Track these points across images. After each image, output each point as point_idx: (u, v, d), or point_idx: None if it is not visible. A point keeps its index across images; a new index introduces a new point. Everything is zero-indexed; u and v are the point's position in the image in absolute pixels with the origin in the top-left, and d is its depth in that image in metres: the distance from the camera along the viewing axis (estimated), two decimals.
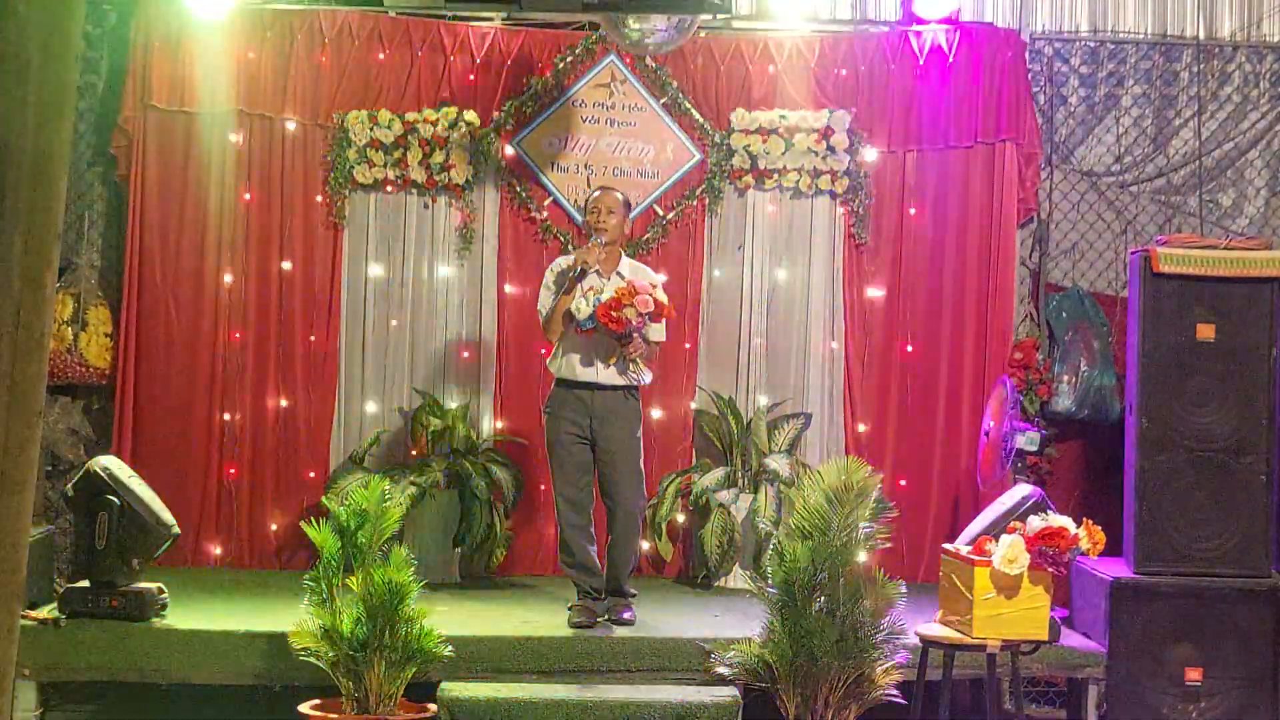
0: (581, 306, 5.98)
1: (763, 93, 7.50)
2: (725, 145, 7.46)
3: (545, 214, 7.48)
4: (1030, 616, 5.16)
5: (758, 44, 7.51)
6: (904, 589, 5.50)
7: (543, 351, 7.43)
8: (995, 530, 5.56)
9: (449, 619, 5.83)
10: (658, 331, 6.17)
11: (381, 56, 7.42)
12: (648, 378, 6.19)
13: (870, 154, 7.47)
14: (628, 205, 6.35)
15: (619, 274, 6.14)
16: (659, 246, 7.43)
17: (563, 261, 6.25)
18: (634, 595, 6.25)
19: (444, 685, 5.54)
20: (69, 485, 6.09)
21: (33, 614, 5.73)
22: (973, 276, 7.45)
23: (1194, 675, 6.01)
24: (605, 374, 6.07)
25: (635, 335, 5.97)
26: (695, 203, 7.52)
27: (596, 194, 6.26)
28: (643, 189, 7.38)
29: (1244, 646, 6.05)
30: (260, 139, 7.38)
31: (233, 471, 7.32)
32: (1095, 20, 7.63)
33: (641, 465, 6.25)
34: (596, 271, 6.12)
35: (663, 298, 6.04)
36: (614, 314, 5.87)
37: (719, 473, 7.18)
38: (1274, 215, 7.64)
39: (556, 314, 6.09)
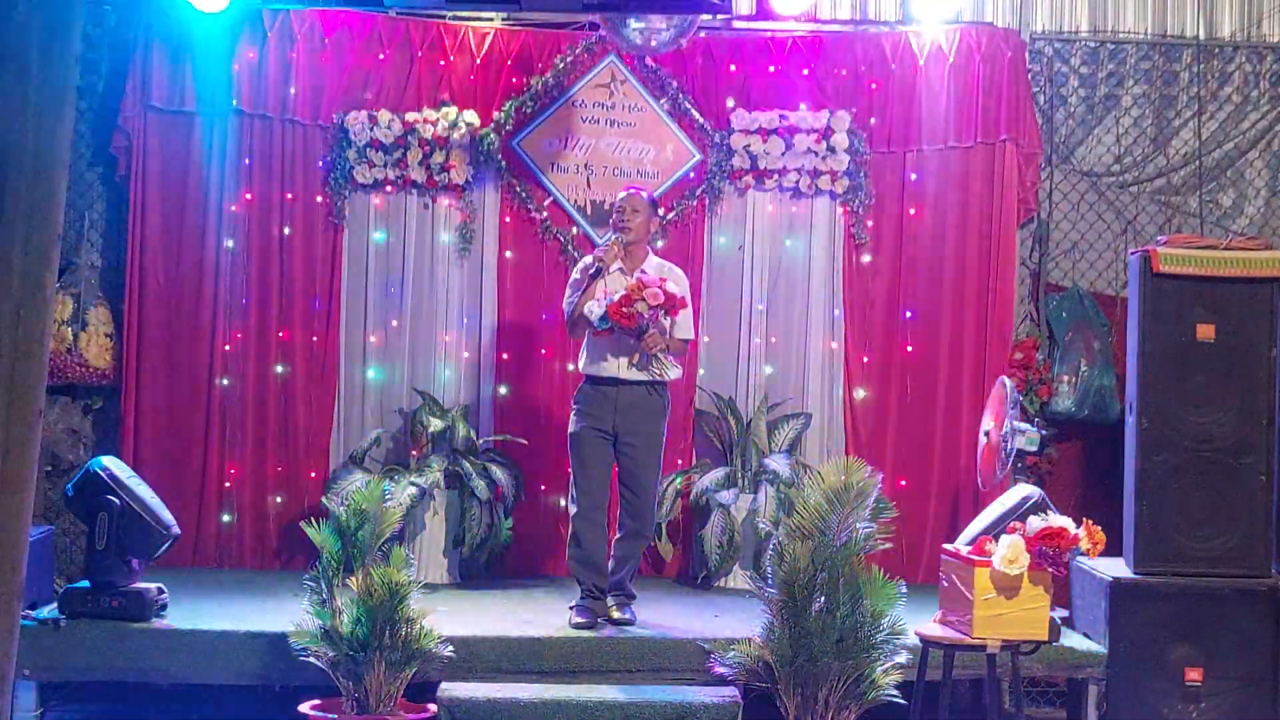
0: (594, 308, 6.00)
1: (763, 93, 7.50)
2: (725, 145, 7.46)
3: (545, 214, 7.48)
4: (1030, 616, 5.16)
5: (758, 44, 7.51)
6: (904, 589, 5.50)
7: (541, 351, 7.47)
8: (995, 530, 5.56)
9: (449, 619, 5.84)
10: (684, 329, 6.19)
11: (381, 56, 7.42)
12: (673, 373, 6.21)
13: (870, 154, 7.47)
14: (654, 205, 6.41)
15: (642, 272, 6.16)
16: (659, 246, 7.43)
17: (588, 259, 6.28)
18: (634, 596, 6.25)
19: (444, 685, 5.54)
20: (69, 485, 6.09)
21: (33, 614, 5.73)
22: (973, 276, 7.45)
23: (1194, 675, 6.00)
24: (628, 371, 6.09)
25: (651, 329, 5.98)
26: (695, 203, 7.52)
27: (623, 194, 6.28)
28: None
29: (1244, 646, 6.04)
30: (260, 139, 7.38)
31: (233, 471, 7.32)
32: (1095, 20, 7.63)
33: (661, 461, 6.29)
34: (620, 270, 6.14)
35: (674, 290, 6.05)
36: (625, 310, 5.90)
37: (719, 473, 7.19)
38: (1274, 215, 7.64)
39: (575, 314, 6.13)
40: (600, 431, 6.14)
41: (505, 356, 7.49)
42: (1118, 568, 6.22)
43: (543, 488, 7.41)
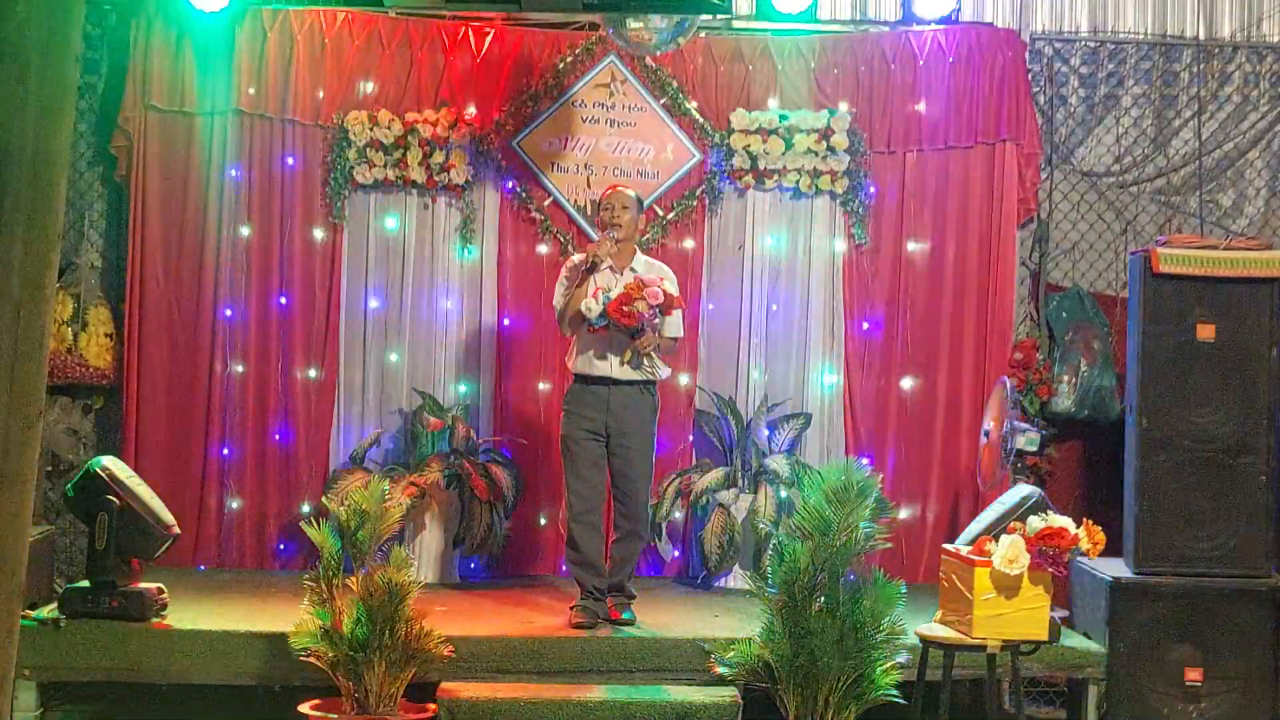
0: (592, 306, 6.01)
1: (763, 93, 7.49)
2: (725, 145, 7.46)
3: (545, 214, 7.48)
4: (1030, 616, 5.16)
5: (758, 44, 7.51)
6: (904, 589, 5.50)
7: (541, 351, 7.46)
8: (995, 530, 5.56)
9: (449, 619, 5.84)
10: (674, 327, 6.20)
11: (381, 56, 7.42)
12: (665, 372, 6.23)
13: (870, 154, 7.47)
14: (640, 203, 6.39)
15: (632, 270, 6.16)
16: (659, 246, 7.43)
17: (578, 258, 6.28)
18: (634, 596, 6.25)
19: (444, 685, 5.54)
20: (69, 485, 6.09)
21: (33, 614, 5.72)
22: (973, 276, 7.45)
23: (1194, 675, 6.01)
24: (621, 370, 6.09)
25: (647, 329, 5.98)
26: (695, 203, 7.52)
27: (609, 191, 6.29)
28: (643, 189, 7.32)
29: (1244, 646, 6.05)
30: (260, 139, 7.38)
31: (233, 471, 7.31)
32: (1095, 20, 7.63)
33: (653, 460, 6.29)
34: (610, 268, 6.14)
35: (672, 290, 6.08)
36: (625, 309, 5.90)
37: (719, 473, 7.18)
38: (1274, 215, 7.64)
39: (569, 310, 6.12)
40: (592, 433, 6.13)
41: (505, 356, 7.48)
42: (1118, 568, 6.22)
43: (542, 488, 7.40)
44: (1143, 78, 7.63)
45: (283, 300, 7.38)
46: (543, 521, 7.44)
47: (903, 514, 7.28)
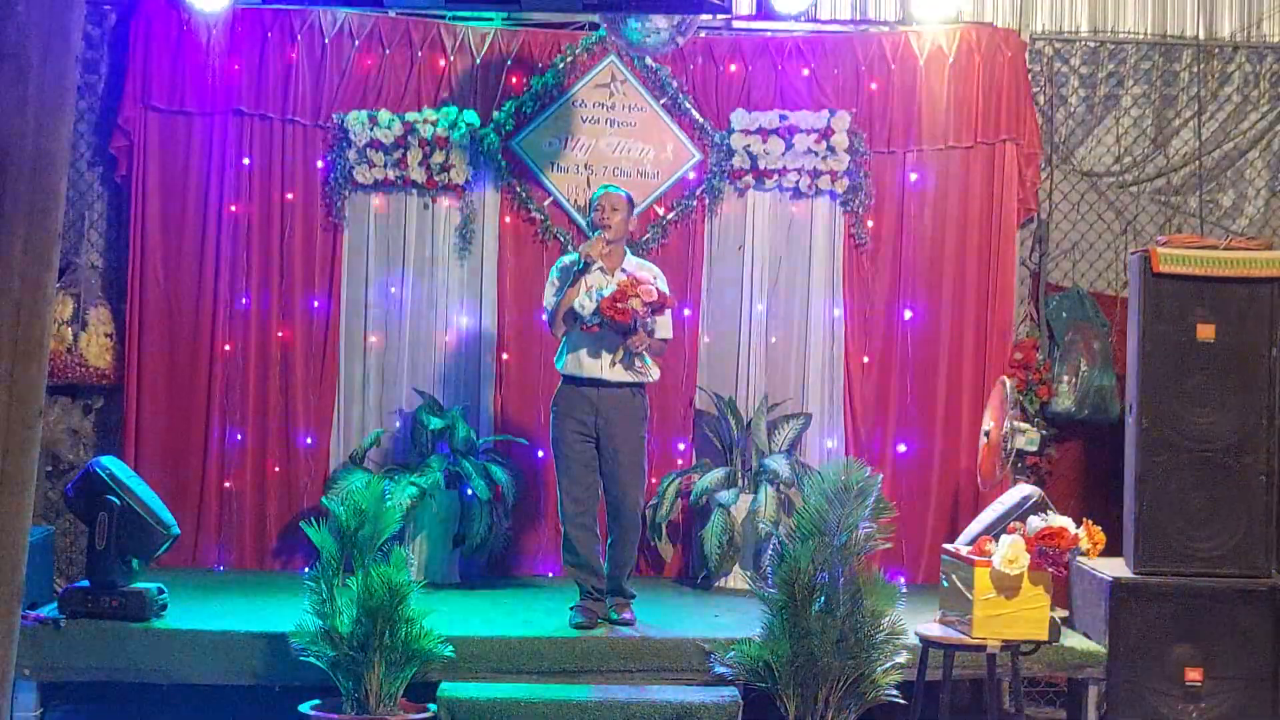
0: (585, 304, 6.01)
1: (763, 93, 7.49)
2: (725, 145, 7.46)
3: (545, 214, 7.48)
4: (1030, 616, 5.17)
5: (758, 44, 7.51)
6: (904, 589, 5.49)
7: (541, 351, 7.46)
8: (995, 530, 5.56)
9: (449, 619, 5.84)
10: (665, 328, 6.19)
11: (381, 56, 7.42)
12: (655, 374, 6.21)
13: (870, 154, 7.47)
14: (631, 203, 6.37)
15: (624, 271, 6.15)
16: (659, 246, 7.43)
17: (568, 259, 6.28)
18: (634, 596, 6.25)
19: (444, 685, 5.54)
20: (69, 485, 6.09)
21: (32, 614, 5.72)
22: (973, 276, 7.45)
23: (1194, 675, 6.01)
24: (611, 371, 6.08)
25: (640, 328, 5.97)
26: (695, 203, 7.52)
27: (599, 192, 6.28)
28: (643, 189, 7.36)
29: (1244, 646, 6.05)
30: (260, 139, 7.38)
31: (233, 471, 7.31)
32: (1095, 20, 7.63)
33: (645, 463, 6.28)
34: (600, 269, 6.14)
35: (664, 288, 6.07)
36: (619, 305, 5.89)
37: (719, 473, 7.18)
38: (1274, 215, 7.64)
39: (561, 310, 6.11)
40: (583, 435, 6.12)
41: (505, 357, 7.49)
42: (1118, 568, 6.22)
43: (542, 488, 7.40)
44: (1143, 78, 7.63)
45: (282, 300, 7.38)
46: (543, 521, 7.43)
47: (903, 514, 7.27)
